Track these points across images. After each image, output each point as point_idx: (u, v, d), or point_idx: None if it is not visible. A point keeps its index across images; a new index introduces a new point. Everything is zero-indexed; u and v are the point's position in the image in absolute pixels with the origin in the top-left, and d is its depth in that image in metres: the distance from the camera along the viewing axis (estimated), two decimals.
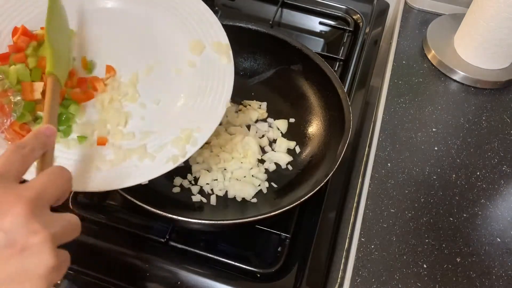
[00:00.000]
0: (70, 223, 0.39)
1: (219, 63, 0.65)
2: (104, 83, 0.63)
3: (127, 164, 0.58)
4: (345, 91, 0.72)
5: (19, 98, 0.56)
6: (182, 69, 0.66)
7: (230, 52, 0.66)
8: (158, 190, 0.69)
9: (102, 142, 0.59)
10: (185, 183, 0.71)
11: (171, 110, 0.64)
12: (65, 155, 0.57)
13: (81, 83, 0.62)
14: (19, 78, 0.57)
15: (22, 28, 0.62)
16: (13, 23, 0.63)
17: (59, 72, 0.55)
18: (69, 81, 0.60)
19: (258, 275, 0.62)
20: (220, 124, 0.78)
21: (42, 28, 0.62)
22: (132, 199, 0.58)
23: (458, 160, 0.72)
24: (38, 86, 0.57)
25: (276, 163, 0.74)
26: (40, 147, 0.43)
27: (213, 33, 0.67)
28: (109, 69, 0.64)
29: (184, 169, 0.72)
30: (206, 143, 0.75)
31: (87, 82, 0.62)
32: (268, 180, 0.72)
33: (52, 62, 0.55)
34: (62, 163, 0.56)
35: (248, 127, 0.78)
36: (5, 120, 0.55)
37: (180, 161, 0.59)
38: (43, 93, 0.57)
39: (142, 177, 0.57)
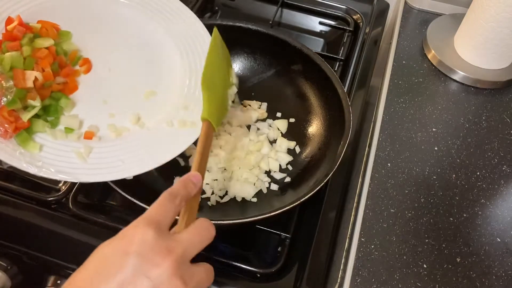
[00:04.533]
0: (206, 274, 0.43)
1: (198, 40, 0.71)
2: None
3: (112, 159, 0.58)
4: (345, 91, 0.72)
5: (11, 83, 0.56)
6: (172, 61, 0.69)
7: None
8: (158, 190, 0.69)
9: (89, 136, 0.60)
10: None
11: (169, 98, 0.66)
12: (52, 144, 0.58)
13: (65, 74, 0.63)
14: (13, 64, 0.57)
15: (18, 18, 0.62)
16: (7, 13, 0.63)
17: (213, 117, 0.56)
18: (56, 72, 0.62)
19: (258, 275, 0.62)
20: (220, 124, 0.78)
21: (38, 21, 0.64)
22: (132, 199, 0.58)
23: (458, 160, 0.72)
24: (30, 74, 0.57)
25: None
26: (188, 196, 0.46)
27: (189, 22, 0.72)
28: (85, 61, 0.65)
29: (184, 169, 0.72)
30: None
31: (68, 72, 0.63)
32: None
33: (208, 108, 0.55)
34: (48, 152, 0.57)
35: (248, 127, 0.78)
36: None
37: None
38: (35, 82, 0.58)
39: (127, 171, 0.58)
